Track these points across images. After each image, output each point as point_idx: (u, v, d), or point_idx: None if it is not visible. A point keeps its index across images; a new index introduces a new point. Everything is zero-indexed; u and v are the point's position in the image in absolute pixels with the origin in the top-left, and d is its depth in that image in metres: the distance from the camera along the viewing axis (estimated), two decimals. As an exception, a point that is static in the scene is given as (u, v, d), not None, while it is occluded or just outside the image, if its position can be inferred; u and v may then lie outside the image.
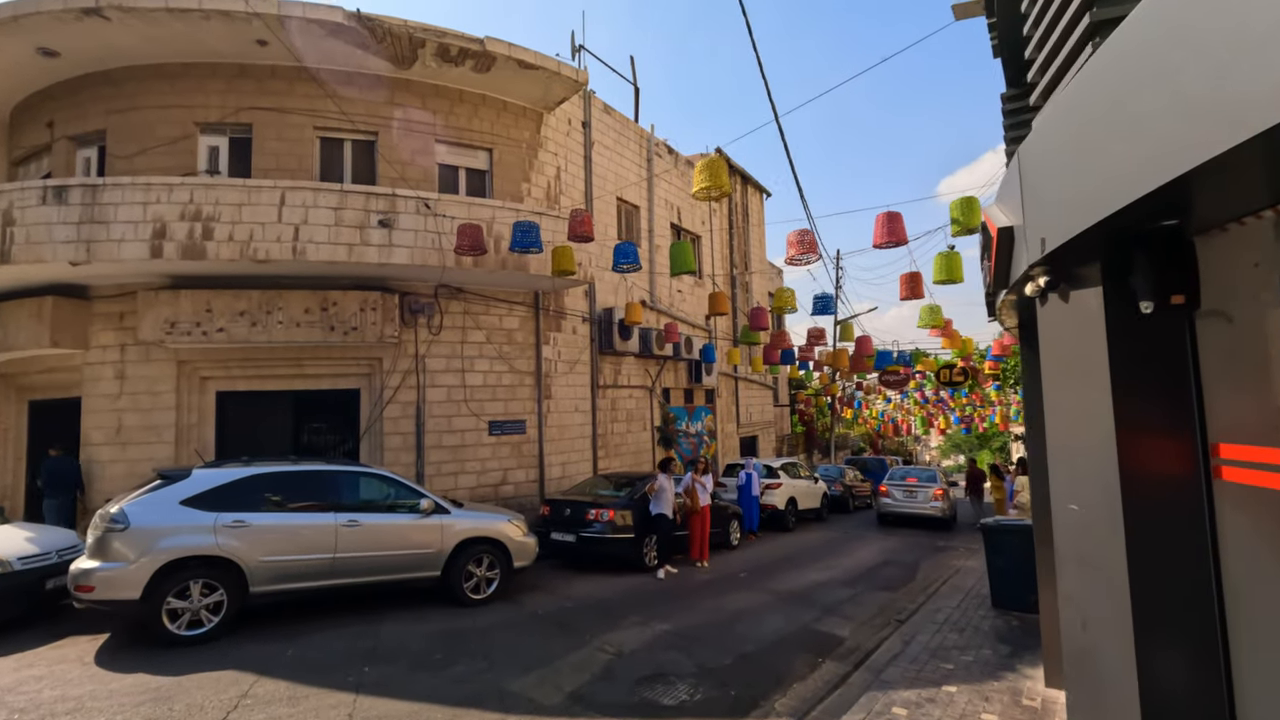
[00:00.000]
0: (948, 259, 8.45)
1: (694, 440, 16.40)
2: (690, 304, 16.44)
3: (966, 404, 32.50)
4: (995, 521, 7.37)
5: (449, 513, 7.09)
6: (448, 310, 10.43)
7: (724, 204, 18.98)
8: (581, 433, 12.30)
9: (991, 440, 53.18)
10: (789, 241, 8.12)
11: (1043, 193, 2.42)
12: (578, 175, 12.80)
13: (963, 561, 10.98)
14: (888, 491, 16.00)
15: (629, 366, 13.86)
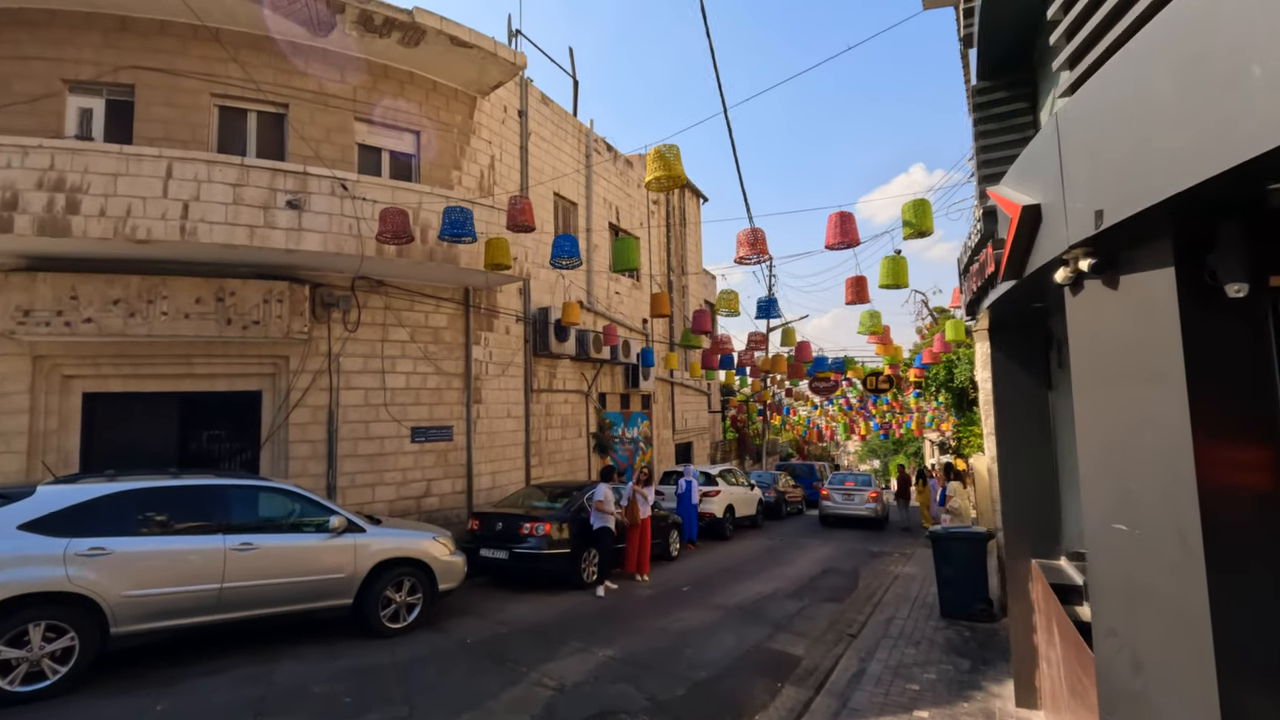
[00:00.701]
0: (894, 263, 8.34)
1: (630, 447, 15.90)
2: (628, 306, 15.97)
3: (887, 410, 33.68)
4: (944, 530, 7.26)
5: (364, 531, 6.24)
6: (367, 305, 9.46)
7: (662, 206, 18.68)
8: (514, 440, 11.53)
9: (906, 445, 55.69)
10: (739, 241, 7.77)
11: (1099, 157, 2.04)
12: (513, 166, 12.07)
13: (900, 568, 10.99)
14: (829, 495, 17.03)
15: (565, 370, 13.20)
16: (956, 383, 19.58)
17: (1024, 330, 4.60)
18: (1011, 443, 4.62)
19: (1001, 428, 4.65)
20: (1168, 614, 1.97)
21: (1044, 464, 4.52)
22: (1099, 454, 2.33)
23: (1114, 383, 2.22)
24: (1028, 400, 4.58)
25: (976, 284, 3.61)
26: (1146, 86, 1.83)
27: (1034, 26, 4.34)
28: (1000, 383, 4.68)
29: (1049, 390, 4.54)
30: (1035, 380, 4.58)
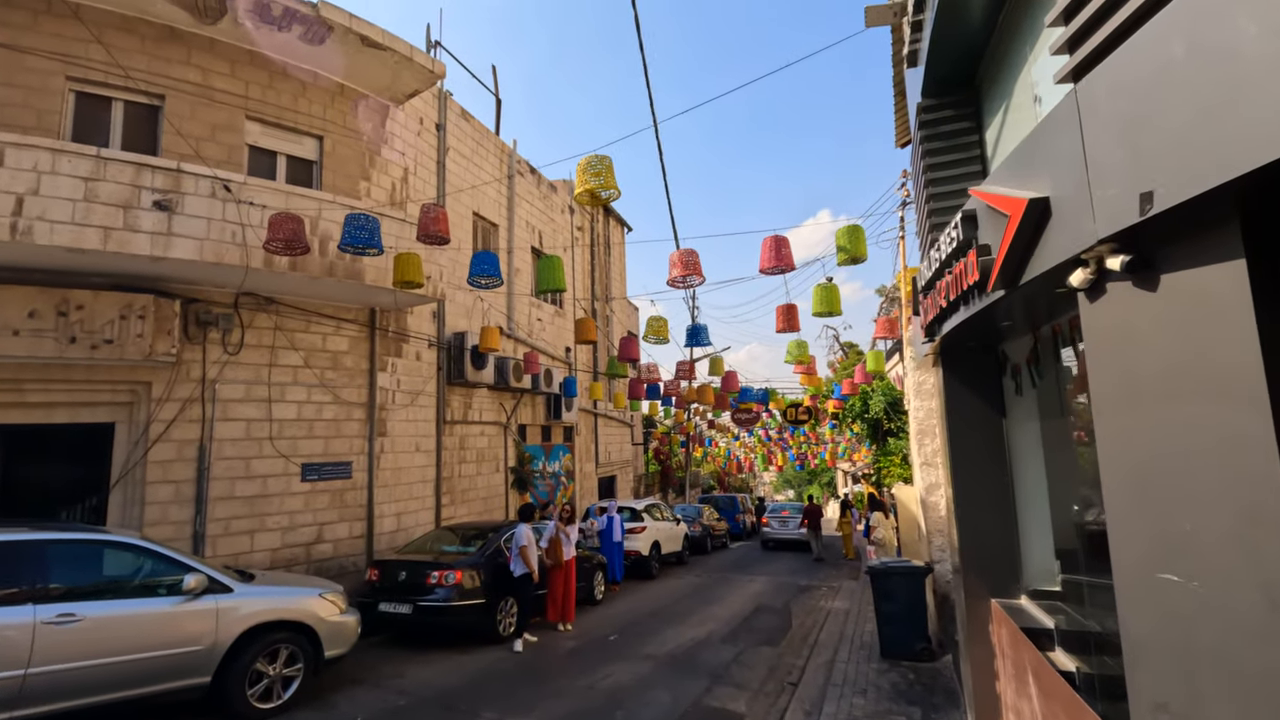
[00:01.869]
0: (827, 291, 8.22)
1: (551, 482, 15.05)
2: (551, 333, 15.30)
3: (803, 441, 34.43)
4: (884, 565, 6.99)
5: (230, 591, 5.18)
6: (253, 324, 8.32)
7: (586, 233, 18.29)
8: (423, 476, 10.49)
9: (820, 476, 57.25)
10: (672, 261, 7.38)
11: (1144, 132, 1.70)
12: (429, 181, 11.28)
13: (829, 603, 10.73)
14: (768, 522, 20.61)
15: (482, 400, 12.30)
16: (871, 413, 20.12)
17: (978, 355, 4.38)
18: (967, 474, 4.35)
19: (956, 459, 4.37)
20: (1254, 695, 1.57)
21: (1002, 496, 4.26)
22: (1132, 486, 1.96)
23: (1153, 402, 1.86)
24: (983, 429, 4.34)
25: (944, 302, 3.32)
26: (1217, 38, 1.49)
27: (982, 44, 4.23)
28: (954, 411, 4.42)
29: (1004, 418, 4.32)
30: (990, 408, 4.35)
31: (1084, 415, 3.46)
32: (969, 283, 2.81)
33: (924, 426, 7.47)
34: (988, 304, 2.81)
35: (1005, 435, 4.29)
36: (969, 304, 3.07)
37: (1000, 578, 4.22)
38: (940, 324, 3.75)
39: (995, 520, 4.26)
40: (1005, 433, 4.29)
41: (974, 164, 4.47)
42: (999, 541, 4.24)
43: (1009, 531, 4.22)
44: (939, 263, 3.38)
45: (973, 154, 4.49)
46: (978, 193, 2.67)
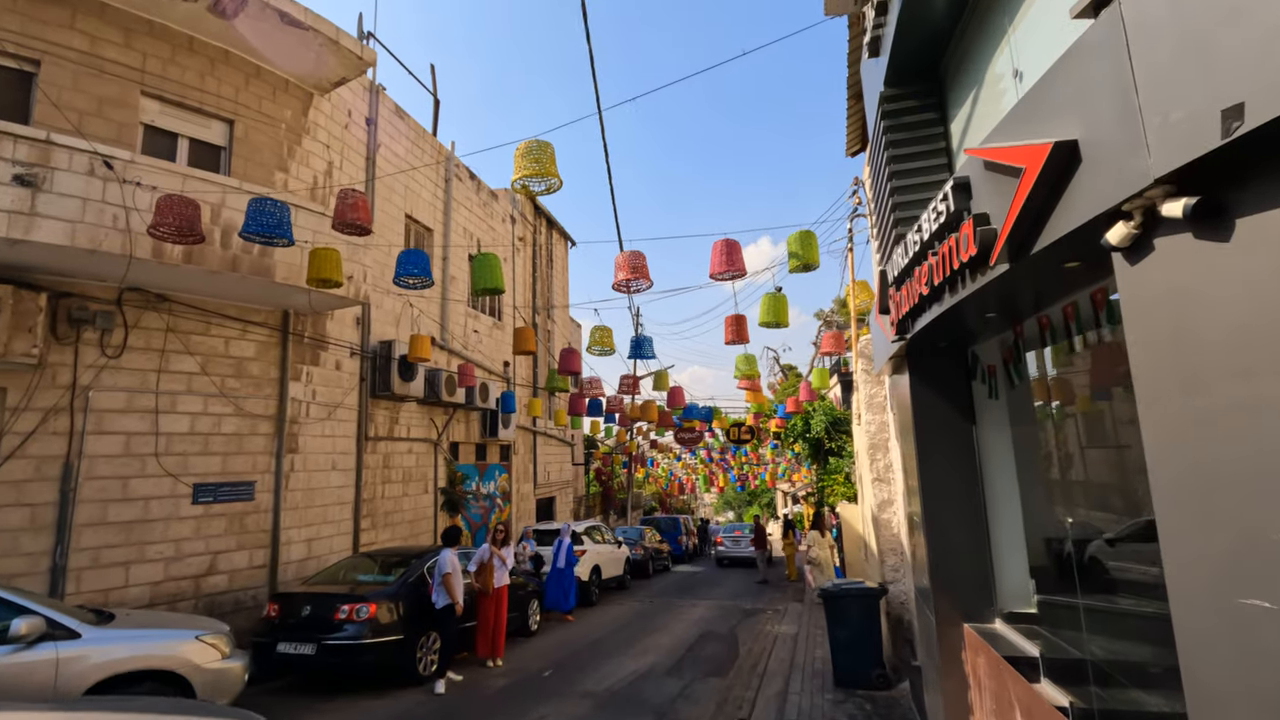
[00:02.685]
0: (775, 300, 7.92)
1: (485, 504, 14.17)
2: (489, 346, 14.54)
3: (745, 462, 34.46)
4: (836, 586, 6.62)
5: (78, 637, 4.27)
6: (140, 324, 7.32)
7: (528, 244, 17.68)
8: (340, 498, 9.52)
9: (760, 497, 57.67)
10: (617, 264, 6.93)
11: (1229, 29, 1.32)
12: (357, 179, 10.48)
13: (776, 627, 10.33)
14: (722, 541, 22.24)
15: (410, 415, 11.42)
16: (813, 433, 20.17)
17: (947, 357, 4.08)
18: (936, 487, 4.01)
19: (925, 471, 4.03)
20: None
21: (973, 511, 3.93)
22: (1194, 491, 1.57)
23: (1223, 381, 1.48)
24: (953, 438, 4.02)
25: (925, 289, 2.97)
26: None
27: (950, 29, 4.00)
28: (923, 419, 4.09)
29: (974, 425, 4.01)
30: (960, 415, 4.04)
31: (1068, 417, 3.16)
32: (962, 259, 2.44)
33: (876, 441, 7.22)
34: (980, 286, 2.45)
35: (976, 444, 3.98)
36: (955, 290, 2.71)
37: (973, 600, 3.87)
38: (914, 319, 3.41)
39: (966, 537, 3.92)
40: (976, 441, 3.98)
41: (939, 156, 4.22)
42: (971, 560, 3.89)
43: (981, 549, 3.89)
44: (918, 247, 3.03)
45: (938, 145, 4.24)
46: (976, 151, 2.31)
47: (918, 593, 4.68)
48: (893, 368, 4.93)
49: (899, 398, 4.80)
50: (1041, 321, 2.95)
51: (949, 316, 3.05)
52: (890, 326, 3.72)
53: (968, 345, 4.02)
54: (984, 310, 2.92)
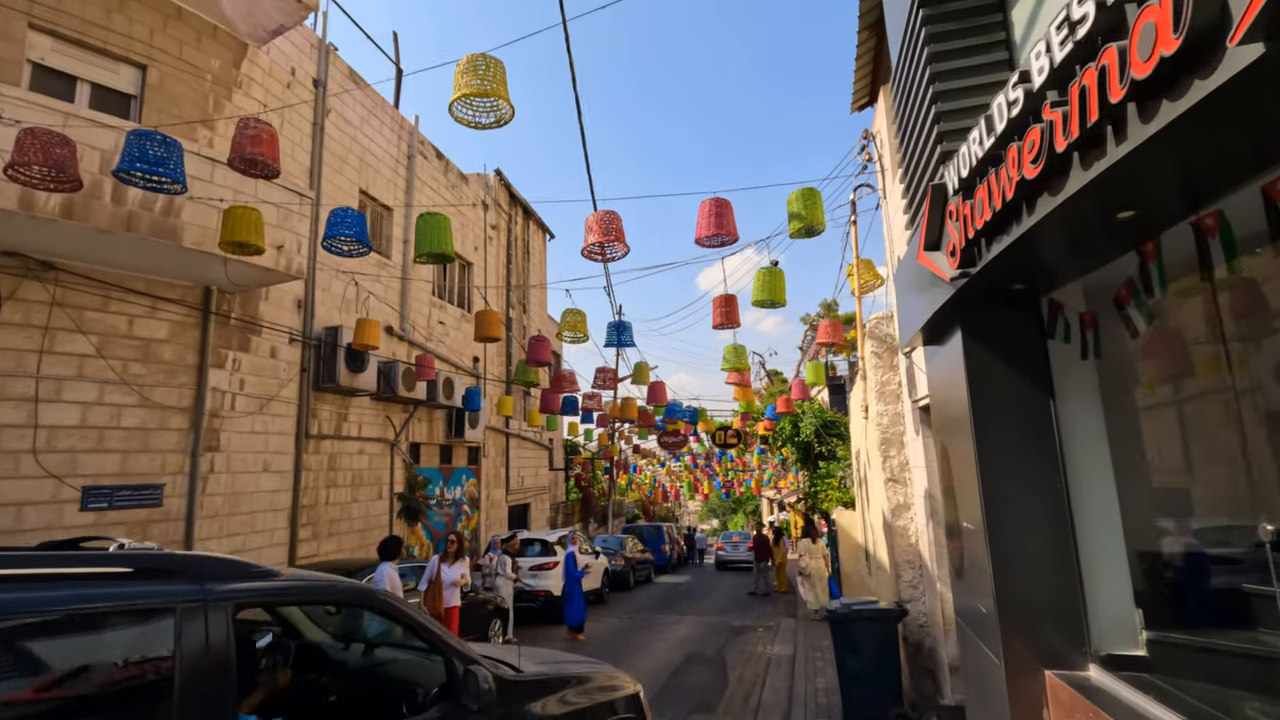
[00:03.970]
0: (770, 276, 6.91)
1: (450, 511, 12.98)
2: (457, 340, 13.40)
3: (731, 469, 33.51)
4: (845, 607, 5.57)
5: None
6: (17, 295, 6.12)
7: (502, 233, 16.58)
8: (273, 503, 8.33)
9: (745, 504, 56.73)
10: (588, 226, 5.88)
11: None
12: (301, 145, 9.35)
13: (769, 647, 9.27)
14: (722, 547, 25.10)
15: (362, 411, 10.25)
16: (802, 436, 19.23)
17: (1014, 309, 3.06)
18: (1001, 486, 2.99)
19: (987, 464, 3.01)
20: None
21: (1053, 515, 2.91)
22: None
23: None
24: (1024, 418, 3.01)
25: (1003, 197, 1.97)
26: None
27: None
28: (981, 395, 3.07)
29: (1052, 400, 2.99)
30: (1033, 387, 3.03)
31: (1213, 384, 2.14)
32: (1111, 99, 1.42)
33: (889, 435, 6.21)
34: (1146, 139, 1.43)
35: (1055, 424, 2.97)
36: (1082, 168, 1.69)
37: (1055, 638, 2.84)
38: (989, 240, 2.39)
39: (1044, 550, 2.90)
40: (1055, 421, 2.97)
41: (997, 50, 3.22)
42: (1050, 582, 2.87)
43: (1065, 567, 2.87)
44: (998, 134, 2.02)
45: (994, 38, 3.25)
46: None
47: (963, 622, 3.65)
48: (927, 335, 3.92)
49: (940, 372, 3.78)
50: (1203, 225, 1.94)
51: (1049, 229, 2.04)
52: (950, 257, 2.70)
53: (1041, 292, 3.02)
54: (1119, 202, 1.90)
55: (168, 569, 2.01)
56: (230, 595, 2.04)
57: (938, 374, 3.88)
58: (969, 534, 3.29)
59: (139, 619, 1.88)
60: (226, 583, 2.07)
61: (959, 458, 3.39)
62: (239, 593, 2.09)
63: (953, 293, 2.96)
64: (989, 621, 3.07)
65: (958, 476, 3.45)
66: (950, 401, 3.51)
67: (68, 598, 1.74)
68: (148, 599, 1.88)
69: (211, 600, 1.97)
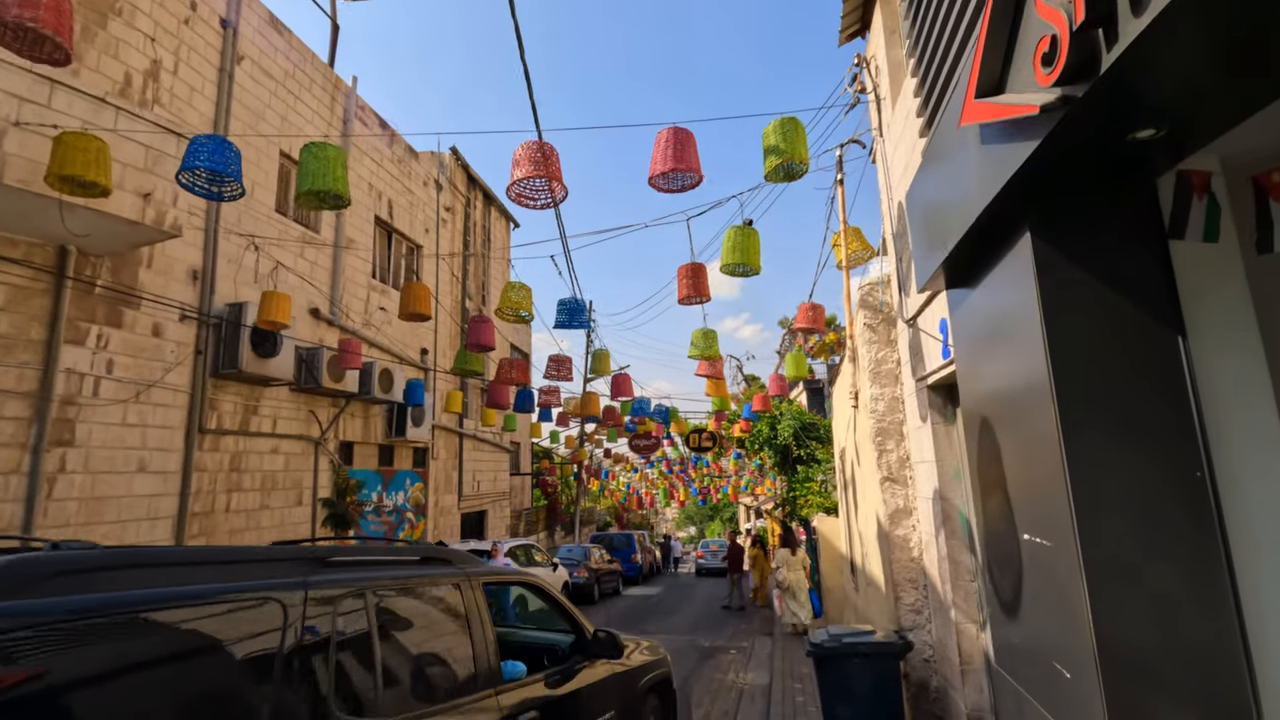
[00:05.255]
0: (744, 236, 5.81)
1: (390, 519, 11.63)
2: (401, 329, 12.09)
3: (706, 474, 32.51)
4: (834, 639, 4.42)
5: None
6: None
7: (458, 216, 15.31)
8: (151, 510, 6.96)
9: (722, 511, 55.73)
10: (515, 159, 4.71)
11: None
12: (203, 91, 8.02)
13: (740, 675, 8.11)
14: (702, 555, 25.90)
15: (277, 404, 8.90)
16: (780, 439, 18.21)
17: (1109, 196, 1.95)
18: (1099, 474, 1.86)
19: (1076, 441, 1.87)
20: None
21: (1190, 520, 1.78)
22: None
23: None
24: (1133, 367, 1.88)
25: None
26: None
27: None
28: (1063, 331, 1.96)
29: (1182, 339, 1.87)
30: (1149, 317, 1.90)
31: None
32: None
33: (886, 424, 5.11)
34: None
35: (1189, 380, 1.85)
36: None
37: (1197, 702, 1.71)
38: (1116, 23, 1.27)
39: (1179, 582, 1.77)
40: (1188, 374, 1.85)
41: None
42: (1194, 632, 1.75)
43: (1216, 608, 1.74)
44: None
45: None
46: None
47: (1011, 676, 2.52)
48: (955, 268, 2.80)
49: (978, 320, 2.65)
50: None
51: None
52: (1042, 68, 1.56)
53: (1159, 167, 1.91)
54: None
55: (442, 558, 2.94)
56: (478, 575, 3.00)
57: (971, 325, 2.77)
58: (1034, 552, 2.16)
59: (452, 588, 2.81)
60: (473, 567, 3.05)
61: (1017, 439, 2.27)
62: (481, 574, 3.05)
63: (1017, 169, 1.84)
64: (1074, 690, 1.93)
65: (1014, 467, 2.33)
66: (1000, 358, 2.39)
67: (422, 575, 2.73)
68: (451, 576, 2.84)
69: (472, 578, 2.93)
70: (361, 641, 2.24)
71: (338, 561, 2.39)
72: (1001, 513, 2.45)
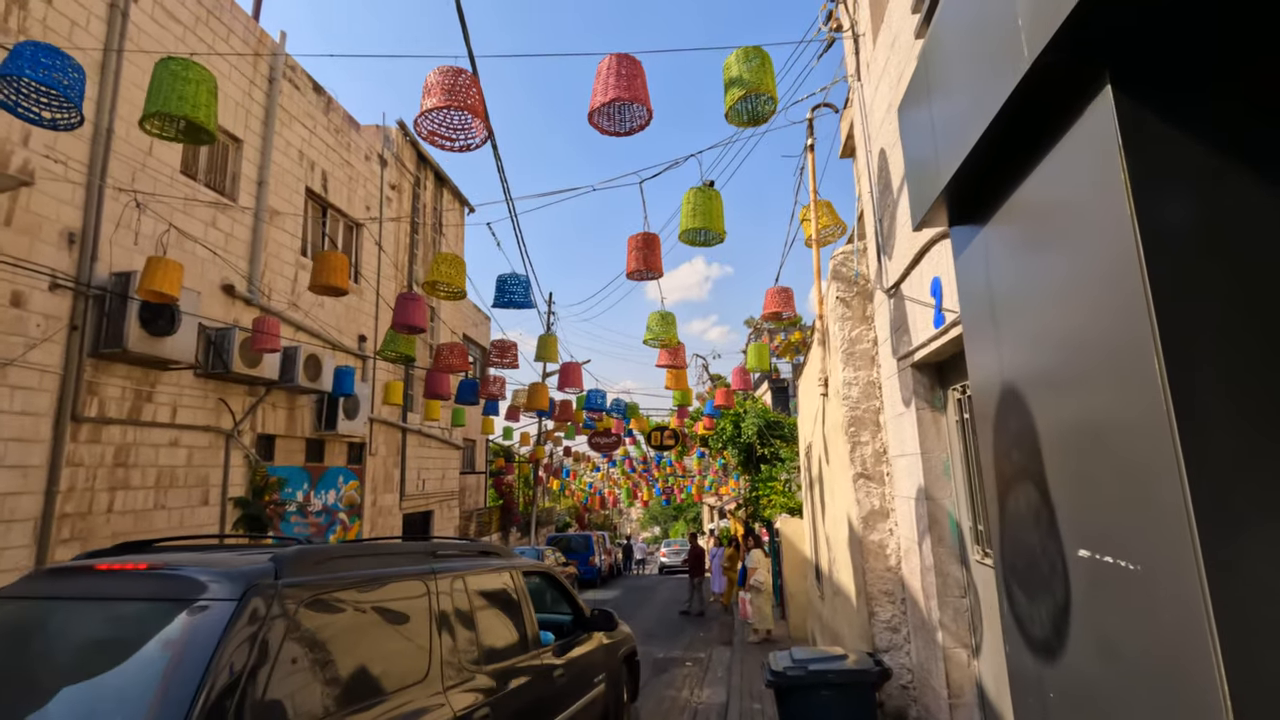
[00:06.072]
0: (705, 198, 5.10)
1: (319, 520, 10.61)
2: (336, 313, 11.07)
3: (670, 473, 31.93)
4: (798, 665, 3.71)
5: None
6: None
7: (405, 196, 14.28)
8: (6, 510, 5.90)
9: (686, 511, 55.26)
10: (426, 87, 3.89)
11: None
12: (88, 27, 6.95)
13: (694, 693, 7.40)
14: (665, 554, 27.11)
15: (178, 390, 7.84)
16: (744, 438, 17.66)
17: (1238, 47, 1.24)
18: (1238, 462, 1.13)
19: (1192, 406, 1.15)
20: None
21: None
22: None
23: None
24: None
25: None
26: None
27: None
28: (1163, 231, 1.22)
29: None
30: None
31: None
32: None
33: (860, 413, 4.44)
34: None
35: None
36: None
37: None
38: None
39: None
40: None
41: None
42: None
43: None
44: None
45: None
46: None
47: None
48: (954, 206, 2.10)
49: (1012, 240, 1.93)
50: None
51: None
52: None
53: None
54: None
55: (494, 551, 3.90)
56: (519, 565, 3.89)
57: (988, 267, 2.06)
58: (1100, 575, 1.46)
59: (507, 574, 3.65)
60: (517, 560, 3.97)
61: (1069, 415, 1.57)
62: (520, 564, 3.92)
63: None
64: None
65: (1061, 454, 1.63)
66: (1040, 304, 1.69)
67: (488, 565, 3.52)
68: (505, 566, 3.68)
69: (520, 569, 3.86)
70: (463, 610, 3.01)
71: (441, 554, 3.25)
72: (1035, 518, 1.75)
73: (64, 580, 2.30)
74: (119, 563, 2.30)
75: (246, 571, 2.16)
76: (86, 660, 2.02)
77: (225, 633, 1.91)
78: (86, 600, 2.19)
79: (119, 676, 1.93)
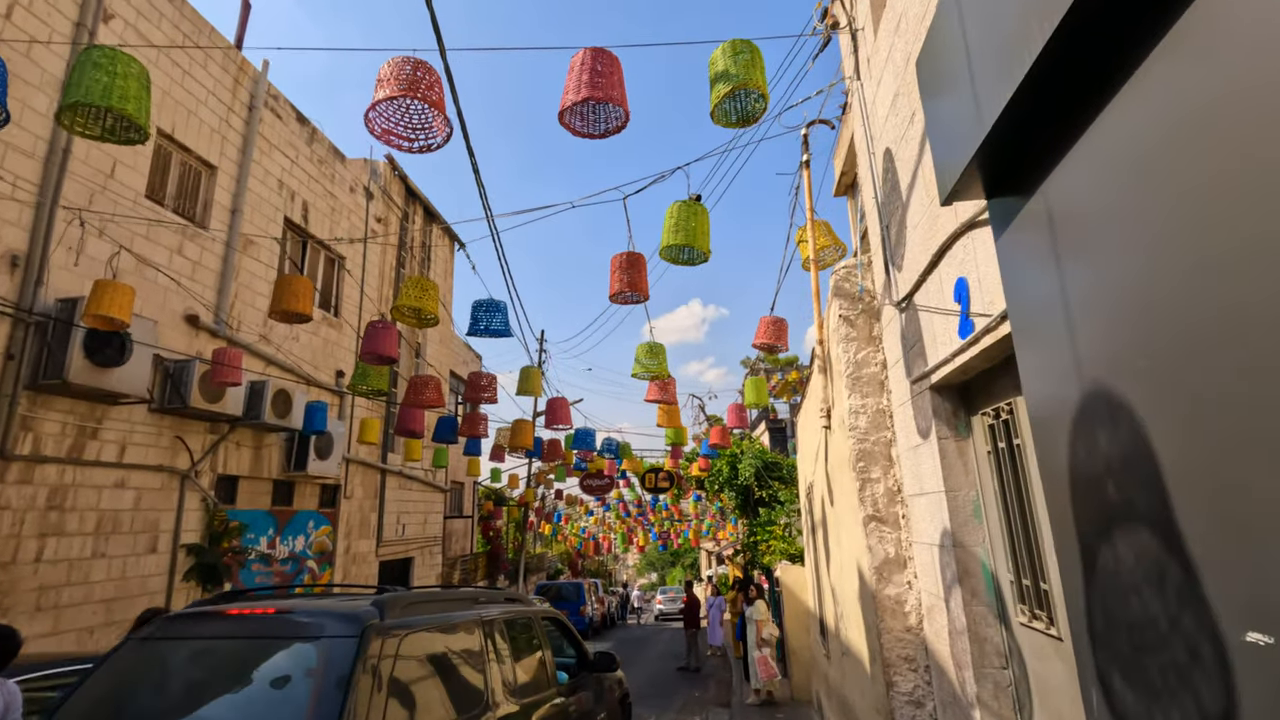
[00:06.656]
0: (689, 212, 4.68)
1: (285, 570, 9.86)
2: (314, 348, 10.58)
3: (666, 517, 30.96)
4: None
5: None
6: None
7: (392, 229, 13.96)
8: (-90, 561, 5.24)
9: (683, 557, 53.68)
10: (380, 78, 3.49)
11: None
12: (51, 46, 6.65)
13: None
14: (661, 601, 26.80)
15: (129, 427, 7.26)
16: (741, 479, 16.99)
17: None
18: None
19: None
20: None
21: None
22: None
23: None
24: None
25: None
26: None
27: None
28: None
29: None
30: None
31: None
32: None
33: (869, 446, 3.91)
34: None
35: None
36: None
37: None
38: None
39: None
40: None
41: None
42: None
43: None
44: None
45: None
46: None
47: None
48: (992, 168, 1.63)
49: (1093, 184, 1.46)
50: None
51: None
52: None
53: None
54: None
55: (514, 598, 4.36)
56: (539, 611, 4.43)
57: (1052, 234, 1.58)
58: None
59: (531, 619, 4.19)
60: (537, 607, 4.50)
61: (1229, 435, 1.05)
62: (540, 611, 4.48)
63: None
64: None
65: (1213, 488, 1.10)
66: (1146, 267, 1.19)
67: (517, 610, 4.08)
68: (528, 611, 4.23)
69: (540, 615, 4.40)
70: (502, 649, 3.54)
71: (483, 601, 3.80)
72: (1156, 579, 1.22)
73: (202, 623, 2.84)
74: (249, 607, 2.82)
75: (359, 613, 2.66)
76: (245, 684, 2.59)
77: (355, 660, 2.42)
78: (232, 639, 2.73)
79: (274, 694, 2.47)
